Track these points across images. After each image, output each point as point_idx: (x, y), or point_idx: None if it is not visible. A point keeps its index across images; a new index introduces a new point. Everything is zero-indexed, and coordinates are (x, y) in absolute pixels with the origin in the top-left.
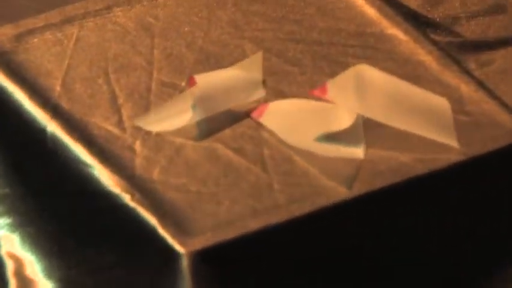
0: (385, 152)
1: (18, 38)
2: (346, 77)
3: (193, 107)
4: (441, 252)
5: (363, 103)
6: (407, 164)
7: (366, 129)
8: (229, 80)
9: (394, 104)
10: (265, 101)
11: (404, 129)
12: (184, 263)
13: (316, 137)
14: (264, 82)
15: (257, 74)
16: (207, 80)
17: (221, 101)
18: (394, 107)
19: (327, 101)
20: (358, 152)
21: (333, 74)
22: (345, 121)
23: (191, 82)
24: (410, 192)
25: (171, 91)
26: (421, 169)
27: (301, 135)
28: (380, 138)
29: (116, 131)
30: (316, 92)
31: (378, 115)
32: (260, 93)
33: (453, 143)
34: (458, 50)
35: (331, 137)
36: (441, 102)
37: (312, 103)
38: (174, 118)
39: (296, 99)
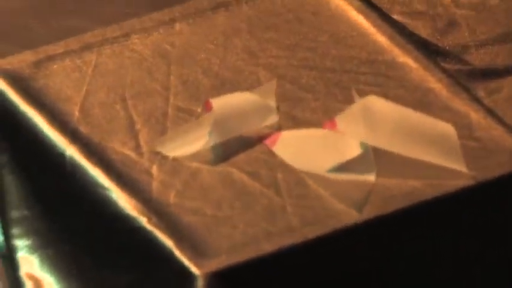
0: (396, 177)
1: (38, 64)
2: (355, 109)
3: (210, 131)
4: (450, 276)
5: (372, 135)
6: (418, 188)
7: (377, 156)
8: (243, 105)
9: (402, 134)
10: (279, 126)
11: (414, 157)
12: (200, 285)
13: (328, 165)
14: (277, 108)
15: (271, 100)
16: (222, 103)
17: (236, 125)
18: (402, 136)
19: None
20: (369, 176)
21: (345, 101)
22: (356, 148)
23: (207, 106)
24: (421, 216)
25: (187, 116)
26: (430, 193)
27: (314, 163)
28: (390, 164)
29: (133, 155)
30: (326, 126)
31: (387, 145)
32: (273, 118)
33: (461, 167)
34: (468, 77)
35: (343, 164)
36: (447, 128)
37: (324, 132)
38: (190, 143)
39: (308, 129)
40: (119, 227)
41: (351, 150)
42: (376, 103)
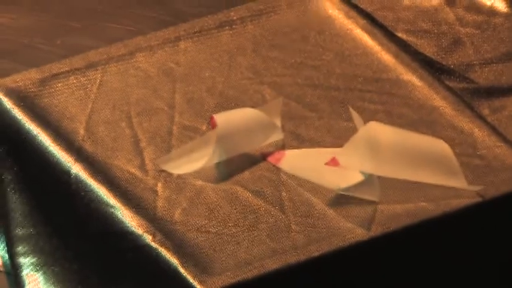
0: (401, 196)
1: (43, 82)
2: (357, 141)
3: (213, 148)
4: None
5: (375, 164)
6: (423, 207)
7: (380, 182)
8: (248, 121)
9: (404, 159)
10: (283, 145)
11: (417, 180)
12: None
13: (334, 182)
14: (282, 126)
15: (276, 118)
16: (226, 119)
17: (240, 142)
18: (404, 161)
19: (340, 147)
20: (373, 196)
21: (349, 119)
22: (358, 176)
23: (212, 122)
24: (426, 234)
25: (192, 134)
26: (436, 211)
27: (318, 180)
28: (395, 183)
29: (138, 173)
30: (329, 164)
31: (391, 173)
32: (278, 136)
33: (462, 185)
34: (472, 96)
35: (348, 185)
36: (442, 146)
37: (327, 150)
38: (194, 160)
39: (311, 149)
40: (124, 245)
41: (354, 176)
42: (377, 130)
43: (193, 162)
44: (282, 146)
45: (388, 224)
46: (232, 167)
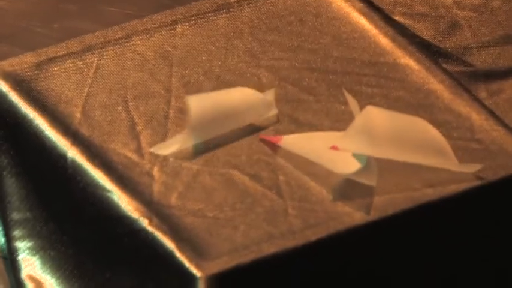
0: (399, 180)
1: (39, 66)
2: (356, 126)
3: (189, 128)
4: (454, 277)
5: (374, 148)
6: (420, 190)
7: (379, 165)
8: (234, 98)
9: (400, 141)
10: (279, 130)
11: (414, 162)
12: (201, 287)
13: (332, 164)
14: (278, 109)
15: (269, 94)
16: (200, 100)
17: (225, 120)
18: (401, 144)
19: (338, 130)
20: (371, 180)
21: (347, 103)
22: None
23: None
24: (424, 218)
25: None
26: (433, 195)
27: (318, 160)
28: (394, 168)
29: (134, 157)
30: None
31: (388, 155)
32: (272, 111)
33: (454, 167)
34: (469, 79)
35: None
36: (428, 128)
37: (325, 134)
38: (175, 142)
39: (311, 133)
40: (120, 229)
41: (353, 160)
42: (374, 114)
43: (173, 143)
44: (279, 130)
45: (386, 208)
46: (228, 150)
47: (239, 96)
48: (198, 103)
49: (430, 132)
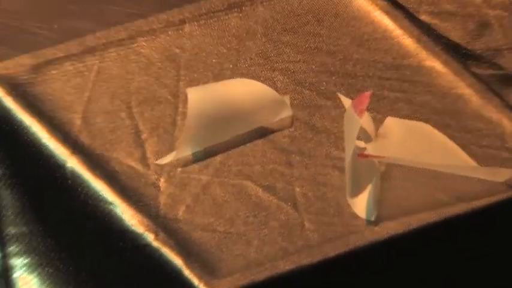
0: (423, 191)
1: (36, 69)
2: (378, 138)
3: (186, 135)
4: None
5: (396, 156)
6: (447, 203)
7: (401, 168)
8: (245, 95)
9: (423, 152)
10: (295, 137)
11: (440, 170)
12: None
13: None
14: (295, 116)
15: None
16: (201, 96)
17: (235, 122)
18: (423, 154)
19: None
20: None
21: (368, 108)
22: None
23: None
24: (449, 231)
25: None
26: (461, 208)
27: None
28: (416, 178)
29: (139, 167)
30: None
31: (412, 162)
32: (287, 112)
33: (483, 175)
34: (500, 83)
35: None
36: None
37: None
38: (176, 148)
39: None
40: (123, 245)
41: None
42: (393, 126)
43: (174, 151)
44: (295, 137)
45: (410, 221)
46: (240, 159)
47: (248, 91)
48: (198, 99)
49: (452, 144)
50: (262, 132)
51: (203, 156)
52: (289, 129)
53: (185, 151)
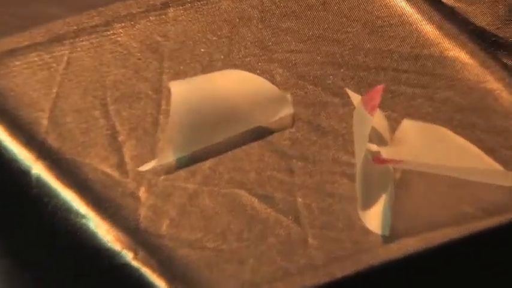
0: (444, 200)
1: None
2: (394, 141)
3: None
4: None
5: (413, 160)
6: (471, 215)
7: (420, 175)
8: (239, 89)
9: (442, 155)
10: (297, 139)
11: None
12: None
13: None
14: (297, 114)
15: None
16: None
17: (224, 121)
18: (443, 157)
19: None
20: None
21: (381, 106)
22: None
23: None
24: (475, 248)
25: None
26: (488, 221)
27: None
28: (437, 184)
29: (115, 174)
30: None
31: (432, 168)
32: (288, 109)
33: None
34: None
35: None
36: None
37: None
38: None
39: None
40: (98, 264)
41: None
42: (411, 130)
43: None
44: (297, 139)
45: (428, 236)
46: (233, 165)
47: (242, 86)
48: (183, 95)
49: (474, 149)
50: (259, 133)
51: (189, 161)
52: (290, 129)
53: (169, 156)
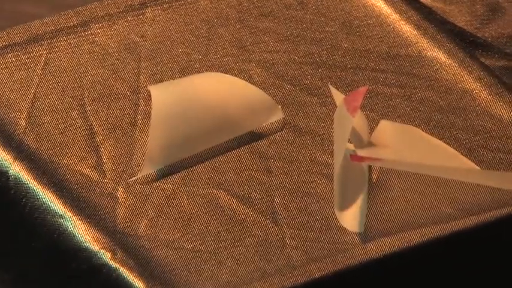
0: (422, 199)
1: None
2: (372, 140)
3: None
4: None
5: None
6: (453, 216)
7: (398, 175)
8: (227, 96)
9: (420, 155)
10: (275, 139)
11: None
12: None
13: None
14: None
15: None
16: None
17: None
18: (421, 157)
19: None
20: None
21: (361, 106)
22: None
23: None
24: (454, 248)
25: None
26: (467, 220)
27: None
28: (415, 184)
29: (93, 174)
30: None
31: (410, 168)
32: (278, 115)
33: (493, 183)
34: None
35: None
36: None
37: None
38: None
39: None
40: (75, 265)
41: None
42: (388, 131)
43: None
44: (274, 139)
45: (407, 236)
46: (211, 165)
47: (232, 91)
48: (164, 101)
49: (450, 150)
50: (238, 134)
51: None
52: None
53: (153, 167)
